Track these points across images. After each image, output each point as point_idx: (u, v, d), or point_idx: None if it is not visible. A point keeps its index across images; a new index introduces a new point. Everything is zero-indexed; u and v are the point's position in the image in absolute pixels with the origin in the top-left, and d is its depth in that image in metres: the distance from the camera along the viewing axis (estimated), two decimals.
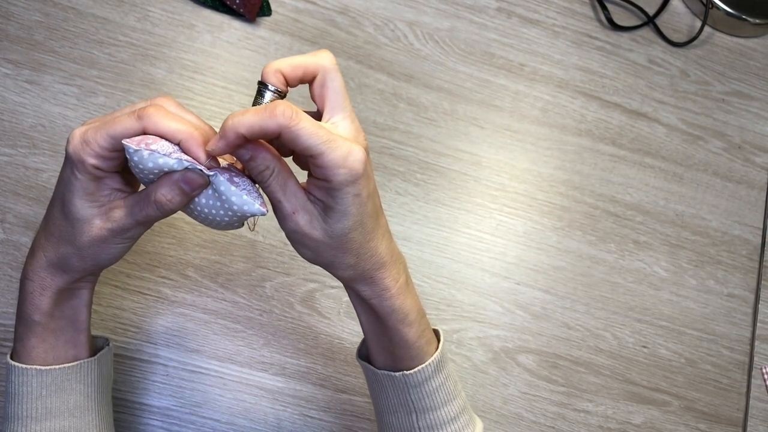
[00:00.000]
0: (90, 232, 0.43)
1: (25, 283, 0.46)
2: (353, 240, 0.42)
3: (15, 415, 0.47)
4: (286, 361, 0.67)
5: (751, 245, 0.82)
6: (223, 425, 0.64)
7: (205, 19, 0.75)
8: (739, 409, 0.76)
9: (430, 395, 0.48)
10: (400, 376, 0.47)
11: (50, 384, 0.47)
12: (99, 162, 0.41)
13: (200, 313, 0.66)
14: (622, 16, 0.88)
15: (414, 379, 0.47)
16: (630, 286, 0.77)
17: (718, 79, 0.88)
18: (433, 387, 0.48)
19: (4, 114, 0.68)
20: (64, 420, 0.48)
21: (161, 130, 0.40)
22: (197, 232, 0.68)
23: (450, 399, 0.49)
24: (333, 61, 0.42)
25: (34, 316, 0.46)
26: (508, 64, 0.82)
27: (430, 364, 0.47)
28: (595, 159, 0.81)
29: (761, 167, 0.85)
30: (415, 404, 0.48)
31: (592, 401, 0.73)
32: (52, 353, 0.48)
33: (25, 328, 0.47)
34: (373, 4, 0.80)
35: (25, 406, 0.47)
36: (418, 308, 0.47)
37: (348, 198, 0.40)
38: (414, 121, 0.77)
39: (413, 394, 0.48)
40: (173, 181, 0.41)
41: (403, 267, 0.47)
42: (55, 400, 0.47)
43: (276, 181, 0.41)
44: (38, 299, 0.46)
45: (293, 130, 0.38)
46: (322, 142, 0.38)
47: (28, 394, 0.47)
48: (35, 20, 0.71)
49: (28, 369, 0.46)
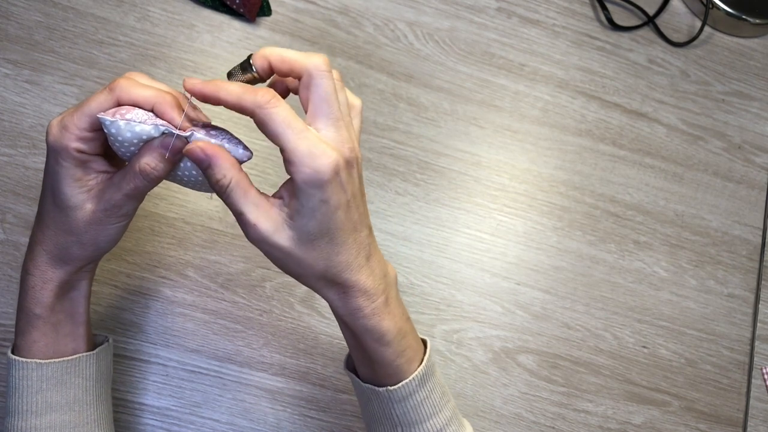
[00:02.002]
0: (84, 217, 0.43)
1: (26, 278, 0.46)
2: (320, 248, 0.41)
3: (15, 409, 0.47)
4: (285, 361, 0.67)
5: (751, 245, 0.82)
6: (222, 425, 0.64)
7: (205, 19, 0.75)
8: (739, 409, 0.76)
9: (415, 409, 0.47)
10: (384, 392, 0.46)
11: (50, 377, 0.47)
12: (81, 144, 0.41)
13: (200, 313, 0.66)
14: (622, 16, 0.88)
15: (397, 394, 0.46)
16: (630, 286, 0.77)
17: (718, 79, 0.88)
18: (417, 401, 0.46)
19: (4, 114, 0.68)
20: (64, 414, 0.48)
21: (133, 98, 0.41)
22: (197, 232, 0.68)
23: (436, 411, 0.47)
24: (322, 66, 0.40)
25: (36, 310, 0.46)
26: (508, 64, 0.82)
27: (414, 379, 0.46)
28: (595, 159, 0.81)
29: (761, 167, 0.85)
30: (400, 418, 0.47)
31: (592, 401, 0.73)
32: (52, 347, 0.48)
33: (26, 323, 0.47)
34: (373, 4, 0.80)
35: (25, 399, 0.47)
36: (399, 328, 0.45)
37: (314, 201, 0.39)
38: (414, 121, 0.77)
39: (397, 408, 0.46)
40: (153, 148, 0.41)
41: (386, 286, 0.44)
42: (55, 394, 0.48)
43: (235, 192, 0.40)
44: (39, 293, 0.46)
45: (266, 112, 0.38)
46: (292, 133, 0.38)
47: (28, 388, 0.47)
48: (35, 20, 0.71)
49: (28, 363, 0.47)
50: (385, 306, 0.44)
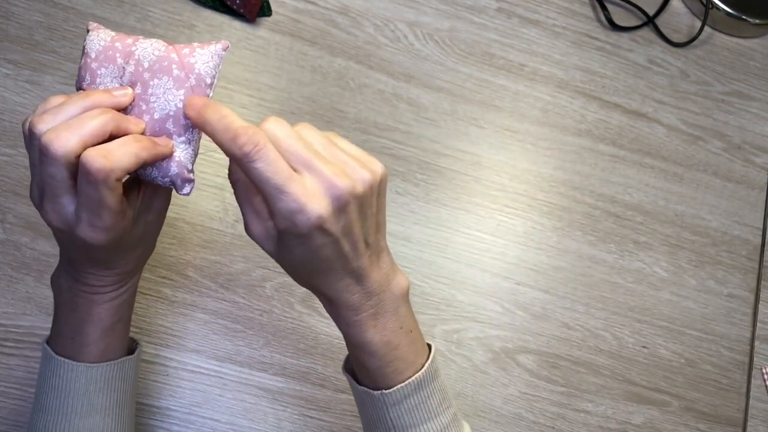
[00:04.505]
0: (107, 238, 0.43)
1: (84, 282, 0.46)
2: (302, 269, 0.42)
3: (58, 409, 0.47)
4: (286, 361, 0.67)
5: (751, 245, 0.82)
6: (222, 425, 0.64)
7: (205, 20, 0.75)
8: (739, 409, 0.76)
9: (410, 412, 0.46)
10: (378, 395, 0.46)
11: (98, 380, 0.48)
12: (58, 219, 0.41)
13: (200, 313, 0.66)
14: (622, 17, 0.88)
15: (391, 398, 0.46)
16: (630, 287, 0.77)
17: (718, 80, 0.88)
18: (412, 404, 0.46)
19: (4, 114, 0.68)
20: (107, 417, 0.49)
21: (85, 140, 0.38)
22: (197, 232, 0.68)
23: (432, 416, 0.47)
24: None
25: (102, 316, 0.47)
26: (508, 64, 0.82)
27: (408, 385, 0.45)
28: (595, 159, 0.81)
29: (761, 167, 0.85)
30: (394, 422, 0.46)
31: (592, 401, 0.73)
32: (104, 350, 0.48)
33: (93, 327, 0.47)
34: (373, 4, 0.80)
35: (71, 401, 0.47)
36: (387, 341, 0.44)
37: (293, 242, 0.39)
38: (414, 122, 0.77)
39: (391, 412, 0.46)
40: None
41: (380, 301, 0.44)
42: (101, 396, 0.48)
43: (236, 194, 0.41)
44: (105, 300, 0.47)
45: (247, 166, 0.37)
46: (273, 188, 0.37)
47: (75, 390, 0.47)
48: (35, 20, 0.71)
49: (78, 365, 0.47)
50: (371, 319, 0.43)
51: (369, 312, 0.43)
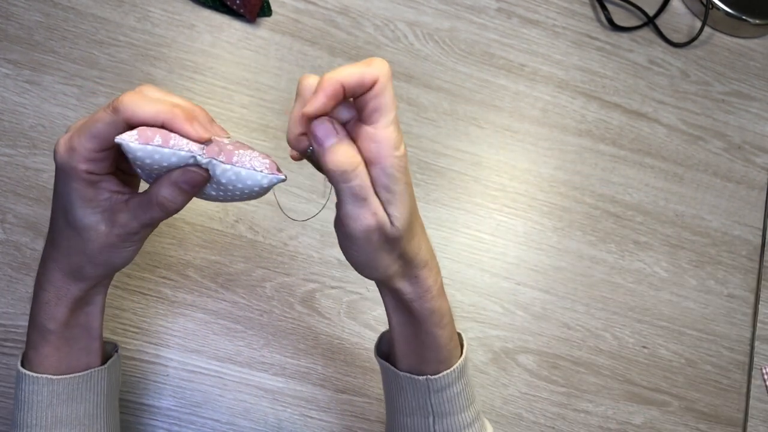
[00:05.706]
0: (98, 239, 0.42)
1: (40, 293, 0.45)
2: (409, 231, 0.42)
3: (24, 423, 0.47)
4: (286, 362, 0.67)
5: (751, 245, 0.82)
6: (223, 425, 0.64)
7: (205, 20, 0.75)
8: (739, 409, 0.76)
9: (451, 400, 0.48)
10: (423, 380, 0.47)
11: (61, 393, 0.47)
12: (90, 166, 0.40)
13: (200, 313, 0.66)
14: (622, 17, 0.88)
15: (437, 384, 0.47)
16: (630, 287, 0.77)
17: (718, 80, 0.88)
18: (454, 392, 0.48)
19: (4, 114, 0.68)
20: (73, 429, 0.48)
21: (140, 117, 0.38)
22: (197, 232, 0.68)
23: (468, 405, 0.49)
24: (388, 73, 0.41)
25: (50, 325, 0.45)
26: (508, 64, 0.82)
27: (455, 370, 0.47)
28: (596, 159, 0.81)
29: (761, 167, 0.85)
30: (435, 408, 0.48)
31: (592, 401, 0.73)
32: (65, 362, 0.47)
33: (40, 337, 0.46)
34: (373, 4, 0.80)
35: (35, 414, 0.46)
36: (450, 311, 0.47)
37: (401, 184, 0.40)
38: (414, 121, 0.77)
39: (434, 398, 0.47)
40: (172, 181, 0.39)
41: (438, 268, 0.47)
42: (65, 409, 0.47)
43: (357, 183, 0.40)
44: (54, 309, 0.45)
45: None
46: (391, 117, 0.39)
47: (38, 403, 0.46)
48: (35, 20, 0.71)
49: (39, 378, 0.46)
50: (442, 287, 0.46)
51: (441, 278, 0.46)
